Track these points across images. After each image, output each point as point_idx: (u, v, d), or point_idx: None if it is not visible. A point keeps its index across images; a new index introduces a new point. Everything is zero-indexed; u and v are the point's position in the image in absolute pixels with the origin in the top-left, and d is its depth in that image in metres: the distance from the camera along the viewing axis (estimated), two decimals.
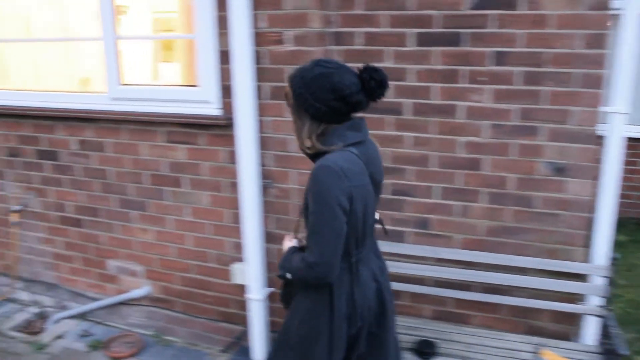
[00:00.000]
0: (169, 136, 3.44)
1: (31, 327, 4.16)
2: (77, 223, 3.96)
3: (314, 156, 1.96)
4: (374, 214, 2.07)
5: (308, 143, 1.95)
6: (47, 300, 4.34)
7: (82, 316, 4.17)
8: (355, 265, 2.02)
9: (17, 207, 4.13)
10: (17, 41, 4.27)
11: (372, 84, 1.90)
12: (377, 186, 2.05)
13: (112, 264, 3.92)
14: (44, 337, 4.00)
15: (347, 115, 1.95)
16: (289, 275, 2.02)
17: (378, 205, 2.13)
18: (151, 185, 3.59)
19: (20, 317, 4.30)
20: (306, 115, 1.94)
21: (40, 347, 3.87)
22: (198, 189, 3.45)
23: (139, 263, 3.81)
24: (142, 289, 3.83)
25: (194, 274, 3.64)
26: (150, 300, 3.86)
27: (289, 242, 2.17)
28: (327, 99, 1.87)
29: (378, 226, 2.25)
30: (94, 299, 4.08)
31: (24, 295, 4.44)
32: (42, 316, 4.26)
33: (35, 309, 4.32)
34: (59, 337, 4.01)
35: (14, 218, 4.15)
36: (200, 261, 3.59)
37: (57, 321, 4.17)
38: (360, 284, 2.02)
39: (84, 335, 4.00)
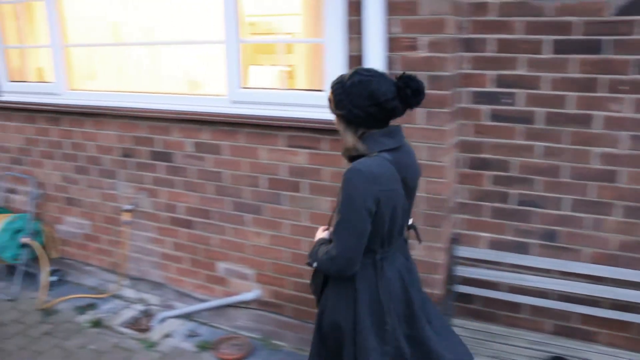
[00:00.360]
0: (289, 140, 3.44)
1: (138, 324, 4.24)
2: (188, 224, 4.00)
3: (351, 159, 2.10)
4: (403, 217, 2.16)
5: (353, 148, 2.08)
6: (152, 298, 4.41)
7: (187, 316, 4.22)
8: (380, 263, 2.13)
9: (129, 207, 4.21)
10: (136, 44, 4.36)
11: (408, 91, 1.99)
12: (410, 191, 2.15)
13: (222, 266, 3.95)
14: (153, 335, 4.06)
15: (384, 122, 2.07)
16: (315, 265, 2.18)
17: (412, 208, 2.25)
18: (268, 189, 3.60)
19: (127, 313, 4.38)
20: (346, 120, 2.08)
21: (151, 345, 3.93)
22: (318, 194, 3.43)
23: (250, 266, 3.83)
24: (252, 292, 3.84)
25: (307, 279, 3.62)
26: (258, 303, 3.87)
27: (321, 234, 2.31)
28: (364, 105, 2.00)
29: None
30: (201, 300, 4.12)
31: (130, 293, 4.52)
32: (148, 314, 4.32)
33: (140, 307, 4.40)
34: (167, 335, 4.06)
35: (125, 217, 4.23)
36: None
37: (163, 320, 4.22)
38: (384, 281, 2.12)
39: (191, 335, 4.04)
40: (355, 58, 3.13)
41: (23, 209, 4.94)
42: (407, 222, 2.26)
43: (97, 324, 4.24)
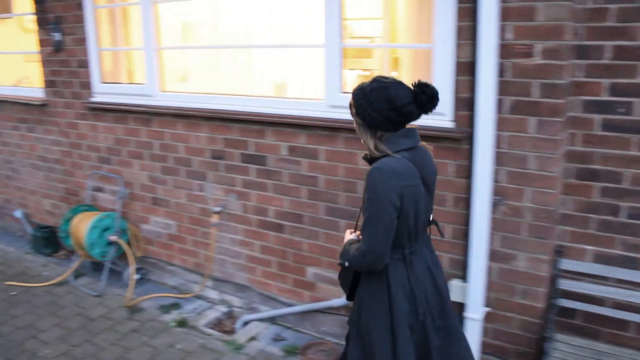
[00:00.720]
0: None
1: (222, 326, 4.26)
2: (278, 228, 4.00)
3: (371, 161, 2.25)
4: (425, 213, 2.31)
5: (374, 149, 2.23)
6: (236, 300, 4.43)
7: (271, 320, 4.22)
8: (409, 257, 2.27)
9: (217, 209, 4.24)
10: (231, 47, 4.39)
11: (423, 97, 2.13)
12: (428, 188, 2.30)
13: (311, 271, 3.93)
14: (239, 338, 4.07)
15: (401, 125, 2.21)
16: (346, 264, 2.31)
17: (432, 206, 2.40)
18: None
19: (211, 314, 4.41)
20: (365, 124, 2.22)
21: (238, 348, 3.94)
22: None
23: None
24: (342, 299, 3.81)
25: None
26: (347, 310, 3.84)
27: (349, 235, 2.44)
28: (382, 109, 2.14)
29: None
30: (286, 304, 4.12)
31: (213, 294, 4.56)
32: (231, 316, 4.34)
33: (223, 308, 4.42)
34: (253, 338, 4.07)
35: (213, 219, 4.26)
36: None
37: (247, 322, 4.23)
38: (414, 274, 2.26)
39: (277, 339, 4.04)
40: (464, 64, 3.08)
41: (109, 207, 5.04)
42: (429, 217, 2.40)
43: (182, 323, 4.28)
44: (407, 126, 2.24)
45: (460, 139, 3.14)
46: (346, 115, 3.35)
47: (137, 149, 4.68)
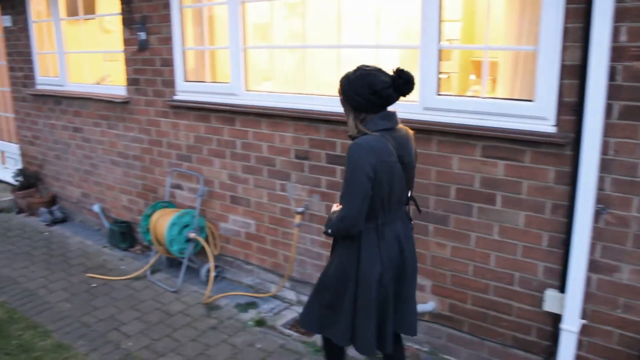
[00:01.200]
0: (485, 150, 3.32)
1: (299, 327, 4.23)
2: None
3: (353, 139, 2.54)
4: (401, 188, 2.61)
5: (354, 129, 2.57)
6: None
7: None
8: (382, 228, 2.59)
9: (300, 209, 4.23)
10: (322, 47, 4.38)
11: (400, 81, 2.45)
12: (406, 166, 2.59)
13: None
14: (318, 340, 4.04)
15: (382, 107, 2.53)
16: (330, 231, 2.63)
17: (412, 184, 2.76)
18: (457, 200, 3.49)
19: (288, 315, 4.40)
20: (351, 107, 2.56)
21: (318, 350, 3.92)
22: (513, 207, 3.28)
23: (428, 277, 3.73)
24: (427, 304, 3.74)
25: (491, 295, 3.48)
26: (432, 316, 3.77)
27: (335, 208, 2.72)
28: (364, 94, 2.47)
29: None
30: None
31: (290, 295, 4.55)
32: None
33: (301, 309, 4.39)
34: None
35: (296, 219, 4.25)
36: (502, 283, 3.43)
37: None
38: (384, 241, 2.59)
39: None
40: (570, 67, 2.97)
41: (187, 204, 5.11)
42: (406, 194, 2.71)
43: (260, 323, 4.28)
44: (388, 109, 2.57)
45: (562, 145, 3.03)
46: (441, 117, 3.32)
47: (219, 147, 4.72)
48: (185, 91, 4.89)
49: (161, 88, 5.09)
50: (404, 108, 3.53)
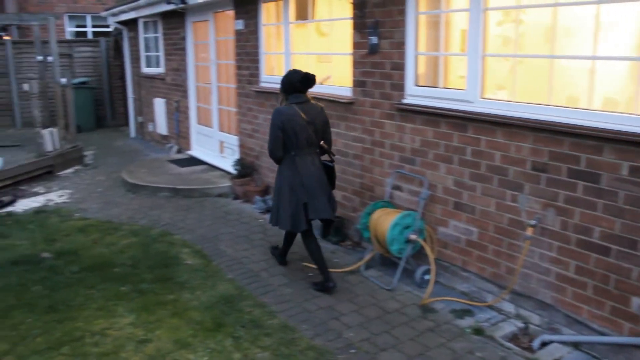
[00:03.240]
0: None
1: (518, 341, 4.14)
2: (603, 250, 3.78)
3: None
4: (307, 136, 4.71)
5: (281, 103, 4.81)
6: (534, 317, 4.29)
7: (575, 345, 4.01)
8: (294, 158, 4.72)
9: (533, 222, 4.14)
10: (571, 58, 4.24)
11: (303, 79, 4.67)
12: (318, 129, 4.80)
13: (638, 302, 3.65)
14: (542, 357, 3.93)
15: (297, 91, 4.73)
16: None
17: (328, 137, 4.99)
18: None
19: (507, 327, 4.33)
20: (281, 92, 4.83)
21: None
22: None
23: None
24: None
25: None
26: None
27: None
28: (285, 83, 4.75)
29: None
30: (598, 332, 3.87)
31: (509, 307, 4.47)
32: (527, 332, 4.20)
33: (519, 323, 4.30)
34: None
35: (528, 232, 4.17)
36: None
37: (546, 343, 4.07)
38: (296, 166, 4.72)
39: None
40: None
41: (405, 206, 5.22)
42: (315, 141, 4.83)
43: (478, 331, 4.26)
44: (300, 93, 4.77)
45: None
46: None
47: (446, 152, 4.76)
48: (414, 95, 5.00)
49: (389, 91, 5.24)
50: None
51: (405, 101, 5.08)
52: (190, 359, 3.95)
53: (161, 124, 11.37)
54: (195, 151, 10.12)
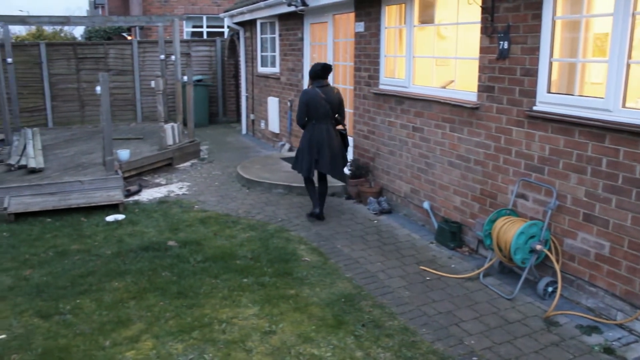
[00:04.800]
0: None
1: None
2: None
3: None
4: (324, 110, 6.58)
5: (309, 86, 6.76)
6: None
7: None
8: (314, 125, 6.62)
9: None
10: None
11: (323, 68, 6.67)
12: (332, 104, 6.64)
13: None
14: None
15: (319, 78, 6.65)
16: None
17: (342, 113, 6.85)
18: None
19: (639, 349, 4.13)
20: (309, 78, 6.75)
21: None
22: None
23: None
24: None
25: None
26: None
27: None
28: (311, 72, 6.69)
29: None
30: None
31: None
32: None
33: None
34: None
35: None
36: None
37: None
38: (314, 131, 6.61)
39: None
40: None
41: (529, 215, 5.09)
42: (331, 114, 6.66)
43: (609, 351, 4.09)
44: (320, 80, 6.65)
45: None
46: None
47: (578, 162, 4.60)
48: (546, 102, 4.86)
49: (518, 97, 5.13)
50: None
51: (536, 108, 4.95)
52: (314, 353, 4.06)
53: (273, 122, 11.69)
54: None
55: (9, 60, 11.88)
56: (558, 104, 4.76)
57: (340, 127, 6.87)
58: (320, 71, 6.56)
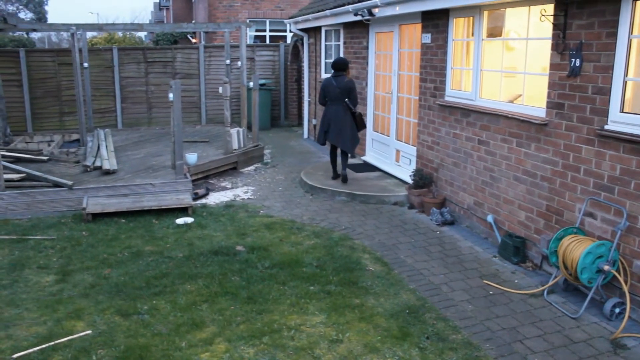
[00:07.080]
0: None
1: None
2: None
3: None
4: (335, 94, 8.64)
5: (332, 76, 8.89)
6: None
7: None
8: (329, 105, 8.77)
9: None
10: None
11: (334, 62, 8.80)
12: (342, 90, 8.61)
13: None
14: None
15: (334, 69, 8.74)
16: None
17: (354, 100, 8.76)
18: None
19: None
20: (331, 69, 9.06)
21: None
22: None
23: None
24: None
25: None
26: None
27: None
28: (331, 65, 8.85)
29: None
30: None
31: None
32: None
33: None
34: None
35: None
36: None
37: None
38: (328, 110, 8.79)
39: None
40: None
41: (596, 234, 5.07)
42: (342, 98, 8.62)
43: None
44: (337, 71, 8.74)
45: None
46: None
47: None
48: (619, 122, 4.83)
49: (589, 115, 5.11)
50: None
51: (607, 127, 4.93)
52: None
53: None
54: (369, 157, 10.44)
55: (85, 64, 12.48)
56: (631, 124, 4.73)
57: (355, 111, 8.84)
58: (333, 64, 8.72)
